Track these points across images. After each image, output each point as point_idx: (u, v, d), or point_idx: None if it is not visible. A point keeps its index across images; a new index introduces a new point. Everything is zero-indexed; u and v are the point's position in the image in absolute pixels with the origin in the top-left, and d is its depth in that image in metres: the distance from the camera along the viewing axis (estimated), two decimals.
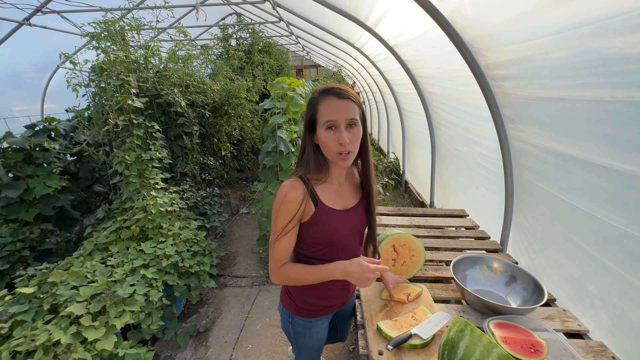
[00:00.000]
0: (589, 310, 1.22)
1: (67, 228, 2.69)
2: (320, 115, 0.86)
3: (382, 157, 5.47)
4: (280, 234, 0.91)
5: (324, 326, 1.17)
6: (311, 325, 1.12)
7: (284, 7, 4.00)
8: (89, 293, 1.59)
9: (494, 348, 0.79)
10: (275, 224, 0.92)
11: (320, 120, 0.86)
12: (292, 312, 1.12)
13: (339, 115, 0.83)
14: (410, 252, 1.42)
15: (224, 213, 3.37)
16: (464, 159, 2.47)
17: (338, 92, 0.85)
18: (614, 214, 1.08)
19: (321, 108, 0.86)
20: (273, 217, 0.93)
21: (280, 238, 0.91)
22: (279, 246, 0.93)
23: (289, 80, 2.70)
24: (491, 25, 1.45)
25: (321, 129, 0.86)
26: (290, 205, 0.89)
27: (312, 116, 0.89)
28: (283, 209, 0.89)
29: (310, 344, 1.17)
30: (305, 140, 0.93)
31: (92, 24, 2.35)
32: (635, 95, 0.93)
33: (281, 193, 0.89)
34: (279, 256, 0.94)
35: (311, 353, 1.21)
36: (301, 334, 1.14)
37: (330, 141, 0.85)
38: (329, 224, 0.94)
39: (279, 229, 0.91)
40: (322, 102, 0.86)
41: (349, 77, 8.41)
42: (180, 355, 2.07)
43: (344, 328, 1.42)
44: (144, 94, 2.82)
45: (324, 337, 1.19)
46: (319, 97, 0.87)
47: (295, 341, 1.17)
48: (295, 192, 0.89)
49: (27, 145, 2.32)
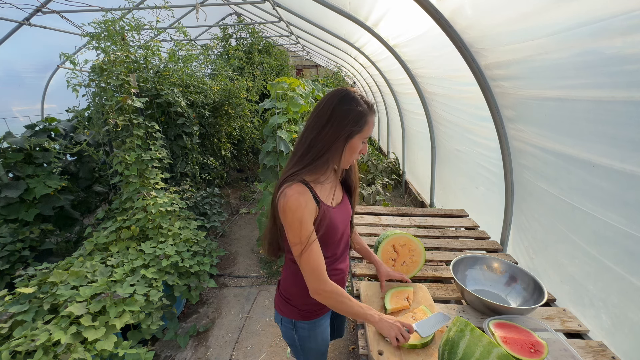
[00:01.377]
0: (589, 310, 1.22)
1: (67, 228, 2.69)
2: (367, 130, 0.92)
3: (382, 157, 5.47)
4: (307, 243, 0.89)
5: (326, 325, 1.17)
6: (315, 327, 1.11)
7: (284, 7, 4.00)
8: (89, 293, 1.59)
9: (494, 348, 0.79)
10: (299, 234, 0.89)
11: (365, 134, 0.92)
12: (295, 317, 1.10)
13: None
14: (410, 252, 1.42)
15: (224, 213, 3.37)
16: (464, 159, 2.47)
17: (374, 110, 0.95)
18: (614, 214, 1.08)
19: (369, 123, 0.92)
20: (291, 230, 0.89)
21: (308, 247, 0.89)
22: (312, 256, 0.90)
23: (289, 80, 2.70)
24: (491, 25, 1.45)
25: (359, 140, 0.92)
26: (307, 211, 0.89)
27: (361, 126, 0.90)
28: (303, 216, 0.88)
29: (317, 347, 1.14)
30: (332, 144, 0.90)
31: (92, 24, 2.35)
32: (635, 95, 0.93)
33: (293, 202, 0.87)
34: (317, 265, 0.91)
35: (318, 356, 1.19)
36: (306, 338, 1.11)
37: (359, 150, 0.95)
38: (330, 221, 0.96)
39: (304, 238, 0.88)
40: (370, 118, 0.92)
41: (349, 77, 8.42)
42: (180, 355, 2.07)
43: (341, 323, 1.42)
44: (144, 94, 2.82)
45: (328, 336, 1.18)
46: (369, 113, 0.92)
47: (302, 348, 1.14)
48: (306, 196, 0.90)
49: (27, 145, 2.32)
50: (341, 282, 1.13)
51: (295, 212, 0.87)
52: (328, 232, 0.96)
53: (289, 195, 0.88)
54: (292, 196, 0.87)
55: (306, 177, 0.94)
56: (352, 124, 0.89)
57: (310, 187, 0.92)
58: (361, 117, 0.89)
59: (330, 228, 0.96)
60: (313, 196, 0.92)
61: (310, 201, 0.90)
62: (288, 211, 0.87)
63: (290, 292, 1.09)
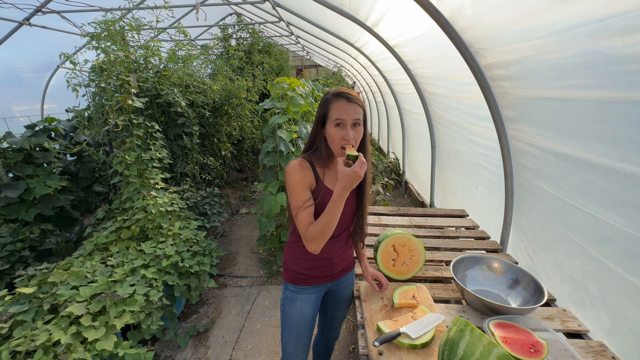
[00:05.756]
0: (589, 310, 1.22)
1: (67, 228, 2.69)
2: (332, 114, 1.02)
3: (382, 157, 5.47)
4: (300, 204, 1.03)
5: (311, 297, 1.24)
6: (298, 292, 1.22)
7: (284, 7, 4.00)
8: (89, 293, 1.59)
9: (494, 348, 0.79)
10: (293, 195, 1.05)
11: (331, 118, 1.02)
12: (286, 280, 1.25)
13: (346, 115, 1.00)
14: (410, 252, 1.42)
15: (224, 213, 3.37)
16: (464, 159, 2.47)
17: (348, 97, 1.02)
18: (614, 214, 1.08)
19: (333, 108, 1.02)
20: (290, 192, 1.06)
21: (302, 210, 1.03)
22: (302, 213, 1.04)
23: (289, 80, 2.70)
24: (491, 25, 1.45)
25: (331, 125, 1.02)
26: (302, 173, 1.05)
27: (325, 113, 1.04)
28: (297, 177, 1.04)
29: (294, 313, 1.23)
30: (316, 133, 1.09)
31: (92, 24, 2.35)
32: (635, 95, 0.93)
33: (292, 166, 1.05)
34: (302, 220, 1.04)
35: (294, 327, 1.24)
36: (289, 300, 1.24)
37: (337, 136, 1.01)
38: (326, 200, 1.04)
39: (297, 199, 1.04)
40: (334, 103, 1.02)
41: (349, 77, 8.41)
42: (180, 355, 2.07)
43: (336, 314, 1.43)
44: (144, 94, 2.82)
45: (308, 310, 1.23)
46: (332, 99, 1.03)
47: (282, 310, 1.26)
48: (303, 163, 1.06)
49: (27, 145, 2.32)
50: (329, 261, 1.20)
51: (291, 175, 1.04)
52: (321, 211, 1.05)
53: (291, 163, 1.07)
54: (292, 163, 1.06)
55: (314, 159, 1.09)
56: (320, 111, 1.06)
57: (313, 165, 1.08)
58: (326, 103, 1.04)
59: (321, 207, 1.06)
60: (314, 173, 1.07)
61: (308, 173, 1.06)
62: (287, 175, 1.06)
63: (285, 258, 1.26)
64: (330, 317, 1.45)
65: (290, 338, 1.26)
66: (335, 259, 1.22)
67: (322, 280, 1.24)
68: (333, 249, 1.20)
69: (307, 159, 1.09)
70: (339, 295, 1.36)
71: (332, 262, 1.22)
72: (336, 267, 1.24)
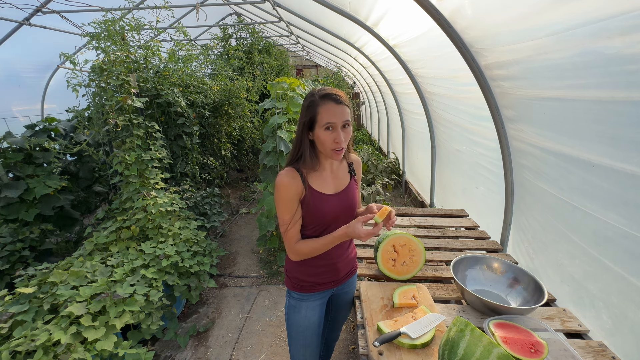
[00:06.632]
0: (589, 310, 1.22)
1: (67, 228, 2.69)
2: (321, 118, 0.98)
3: (382, 157, 5.46)
4: (288, 220, 1.04)
5: (315, 304, 1.22)
6: (303, 299, 1.21)
7: (284, 7, 4.00)
8: (89, 293, 1.59)
9: (494, 348, 0.79)
10: (281, 211, 1.05)
11: (321, 122, 0.99)
12: (290, 287, 1.23)
13: (336, 118, 0.98)
14: (410, 252, 1.42)
15: (224, 213, 3.37)
16: (464, 159, 2.47)
17: (336, 99, 0.99)
18: (614, 214, 1.08)
19: (321, 111, 0.98)
20: (277, 206, 1.05)
21: (289, 223, 1.05)
22: (290, 231, 1.06)
23: (289, 80, 2.70)
24: (491, 25, 1.45)
25: (320, 129, 0.99)
26: (290, 187, 1.02)
27: (312, 117, 1.00)
28: (285, 195, 1.02)
29: (299, 321, 1.21)
30: (301, 138, 1.05)
31: (92, 24, 2.35)
32: (635, 95, 0.93)
33: (280, 181, 1.03)
34: (291, 236, 1.07)
35: (300, 335, 1.23)
36: (293, 308, 1.22)
37: (328, 139, 0.99)
38: (318, 206, 1.07)
39: (286, 216, 1.04)
40: (322, 106, 0.98)
41: (349, 77, 8.41)
42: (180, 355, 2.07)
43: (338, 317, 1.43)
44: (144, 94, 2.82)
45: (313, 317, 1.22)
46: (320, 101, 0.99)
47: (287, 319, 1.25)
48: (291, 173, 1.04)
49: (27, 145, 2.32)
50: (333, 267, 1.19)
51: (279, 191, 1.03)
52: (314, 215, 1.08)
53: (279, 177, 1.04)
54: (281, 177, 1.03)
55: (301, 166, 1.06)
56: (305, 115, 1.02)
57: (301, 172, 1.06)
58: (312, 106, 1.00)
59: (317, 211, 1.08)
60: (303, 181, 1.05)
61: (296, 183, 1.03)
62: (276, 190, 1.04)
63: (288, 265, 1.24)
64: (331, 320, 1.44)
65: (298, 347, 1.25)
66: (339, 263, 1.21)
67: (326, 286, 1.22)
68: (337, 253, 1.19)
69: (295, 167, 1.06)
70: (342, 299, 1.35)
71: (336, 267, 1.20)
72: (340, 272, 1.23)
